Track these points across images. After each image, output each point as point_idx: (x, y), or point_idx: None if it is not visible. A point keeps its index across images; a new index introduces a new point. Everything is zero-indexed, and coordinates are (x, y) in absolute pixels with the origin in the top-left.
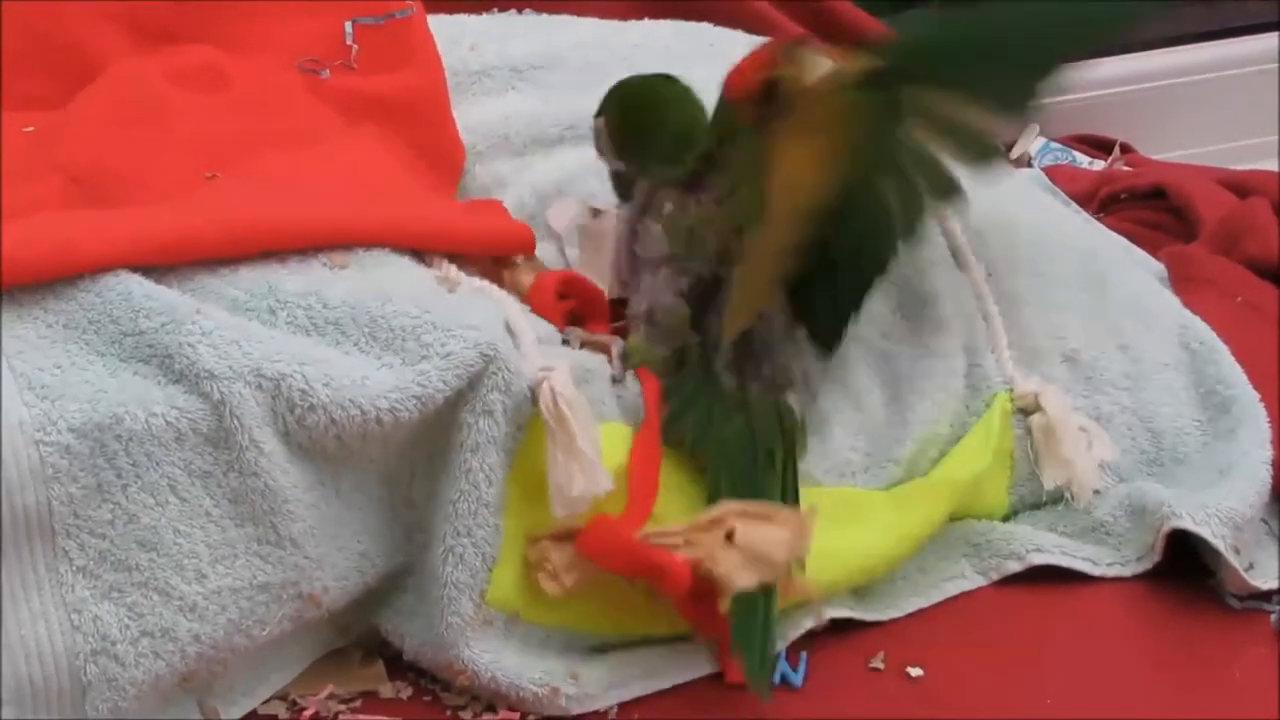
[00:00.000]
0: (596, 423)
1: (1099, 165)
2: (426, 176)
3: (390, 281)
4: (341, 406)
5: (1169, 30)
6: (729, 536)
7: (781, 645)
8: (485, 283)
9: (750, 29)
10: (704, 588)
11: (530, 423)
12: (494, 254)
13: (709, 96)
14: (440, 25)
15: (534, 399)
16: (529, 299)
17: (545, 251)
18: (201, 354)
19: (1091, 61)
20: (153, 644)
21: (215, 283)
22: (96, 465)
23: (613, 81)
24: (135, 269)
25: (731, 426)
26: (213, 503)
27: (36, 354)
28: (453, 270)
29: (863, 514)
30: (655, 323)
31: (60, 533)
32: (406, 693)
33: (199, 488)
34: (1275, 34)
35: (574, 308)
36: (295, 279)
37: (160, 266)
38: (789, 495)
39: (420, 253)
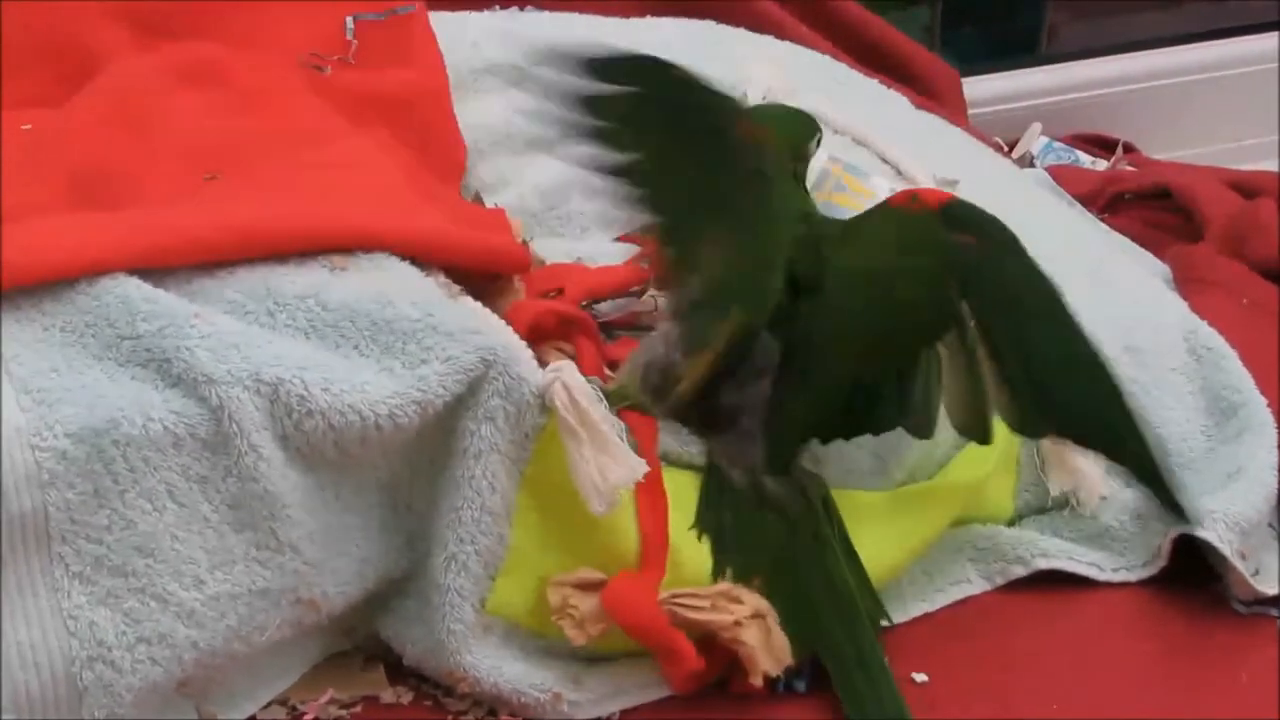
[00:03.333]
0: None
1: (1102, 165)
2: (428, 175)
3: (391, 284)
4: (340, 412)
5: (1171, 30)
6: (761, 617)
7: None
8: (475, 303)
9: (755, 28)
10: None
11: (541, 433)
12: (487, 271)
13: None
14: (442, 22)
15: (544, 403)
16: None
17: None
18: (200, 358)
19: (1094, 60)
20: (150, 650)
21: (213, 285)
22: (93, 470)
23: None
24: (133, 272)
25: (769, 530)
26: (211, 508)
27: (33, 358)
28: (445, 280)
29: (868, 518)
30: (649, 377)
31: (56, 538)
32: (407, 698)
33: (197, 493)
34: (1277, 33)
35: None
36: (294, 281)
37: (159, 269)
38: (845, 557)
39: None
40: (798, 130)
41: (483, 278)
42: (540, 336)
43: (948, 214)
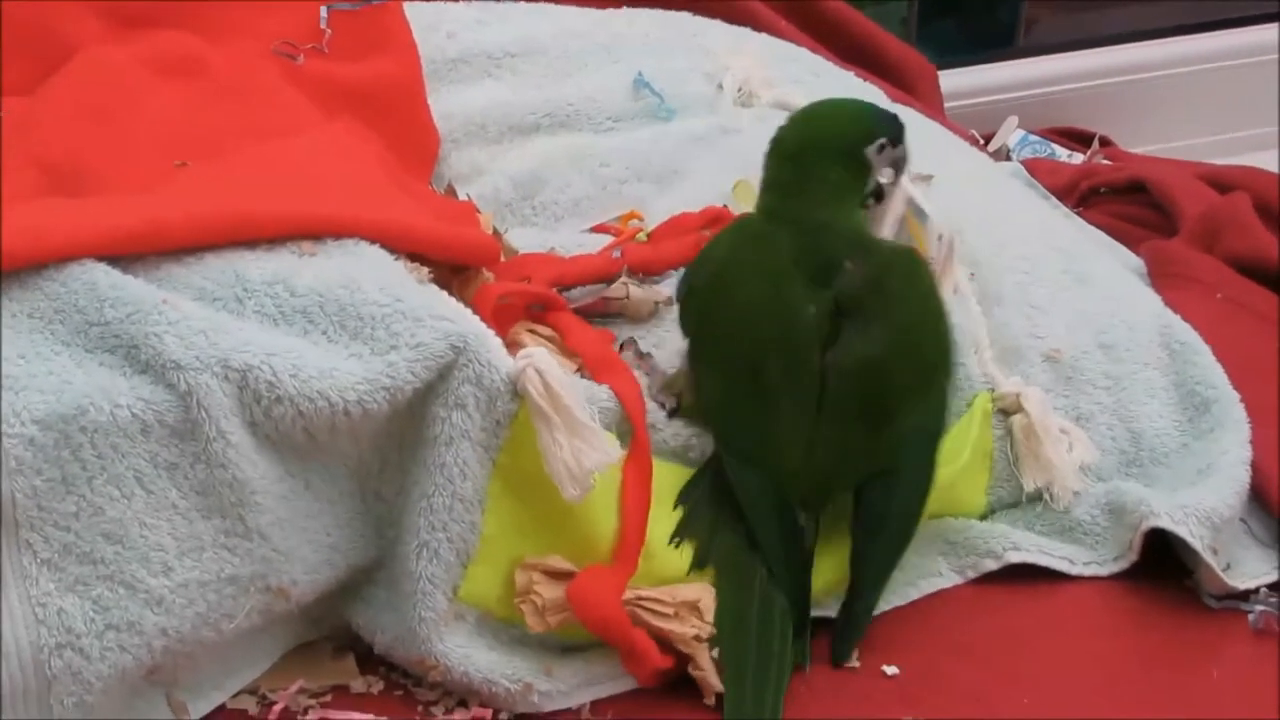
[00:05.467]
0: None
1: (1078, 158)
2: (399, 165)
3: (359, 268)
4: (309, 398)
5: (1148, 24)
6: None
7: None
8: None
9: (731, 20)
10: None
11: (513, 419)
12: (456, 261)
13: (688, 85)
14: (417, 12)
15: (516, 390)
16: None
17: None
18: (168, 344)
19: (1070, 54)
20: (119, 637)
21: (182, 272)
22: (61, 457)
23: (589, 70)
24: (102, 258)
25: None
26: (179, 495)
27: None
28: (414, 265)
29: (843, 513)
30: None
31: (24, 525)
32: (378, 687)
33: (165, 480)
34: (1252, 29)
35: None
36: (263, 267)
37: (127, 256)
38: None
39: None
40: (846, 130)
41: (450, 269)
42: (506, 319)
43: None
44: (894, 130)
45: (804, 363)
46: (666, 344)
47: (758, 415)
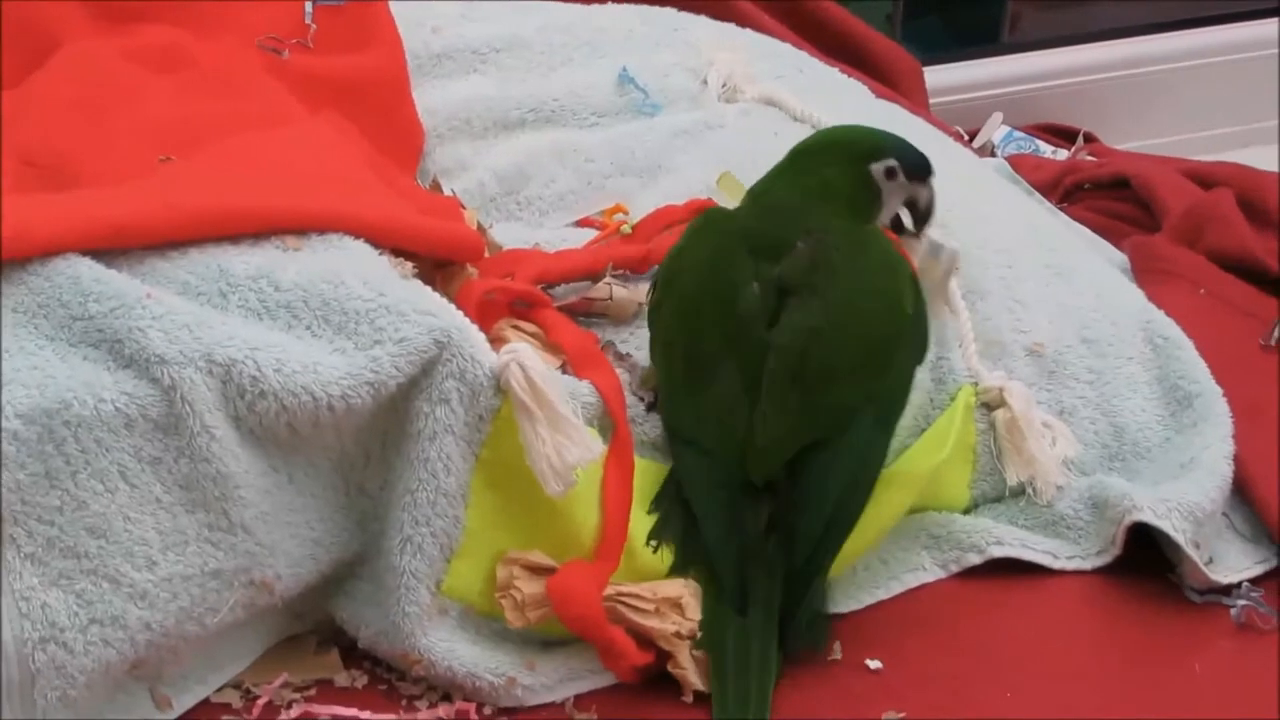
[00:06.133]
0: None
1: (1062, 154)
2: (384, 160)
3: (343, 263)
4: (293, 393)
5: (1132, 20)
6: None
7: None
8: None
9: (716, 15)
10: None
11: (496, 414)
12: (441, 257)
13: (672, 80)
14: (403, 7)
15: (499, 385)
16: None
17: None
18: (152, 339)
19: (1055, 50)
20: (102, 632)
21: (165, 266)
22: (45, 452)
23: (574, 65)
24: (86, 252)
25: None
26: (163, 489)
27: None
28: (398, 259)
29: None
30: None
31: (8, 519)
32: (362, 681)
33: (149, 474)
34: (1236, 25)
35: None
36: (247, 261)
37: (111, 250)
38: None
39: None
40: (854, 138)
41: (435, 264)
42: (490, 315)
43: None
44: (911, 161)
45: (744, 339)
46: (647, 344)
47: (696, 395)
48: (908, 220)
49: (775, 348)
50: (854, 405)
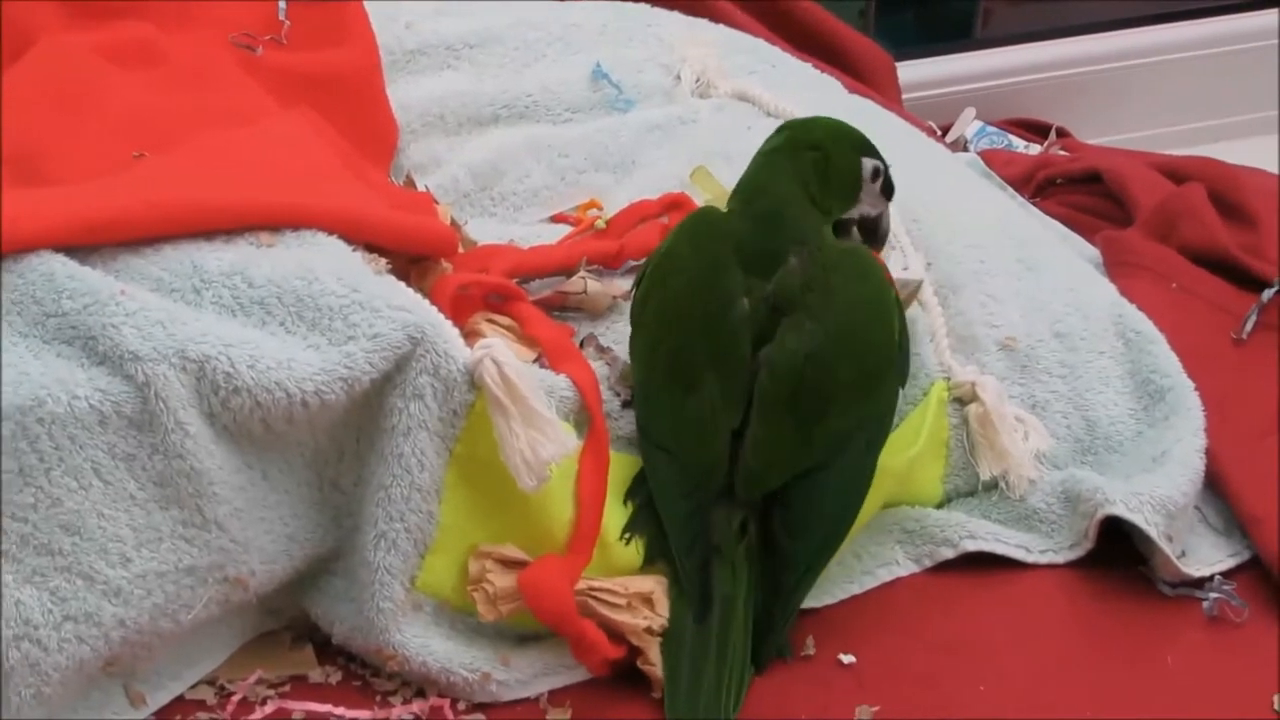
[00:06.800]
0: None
1: (1035, 149)
2: (357, 156)
3: (316, 259)
4: (266, 389)
5: (1104, 15)
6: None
7: None
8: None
9: (689, 11)
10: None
11: (470, 409)
12: (414, 252)
13: (645, 75)
14: (377, 3)
15: (473, 380)
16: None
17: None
18: (125, 335)
19: (1027, 45)
20: (76, 629)
21: (139, 263)
22: (18, 449)
23: (547, 61)
24: (59, 249)
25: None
26: (137, 486)
27: None
28: (371, 255)
29: None
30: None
31: None
32: (336, 677)
33: (123, 471)
34: (1209, 20)
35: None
36: (220, 258)
37: (85, 246)
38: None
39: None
40: (857, 134)
41: (408, 260)
42: (465, 309)
43: None
44: (889, 174)
45: (730, 353)
46: (625, 339)
47: (675, 402)
48: (874, 209)
49: (771, 370)
50: (848, 431)
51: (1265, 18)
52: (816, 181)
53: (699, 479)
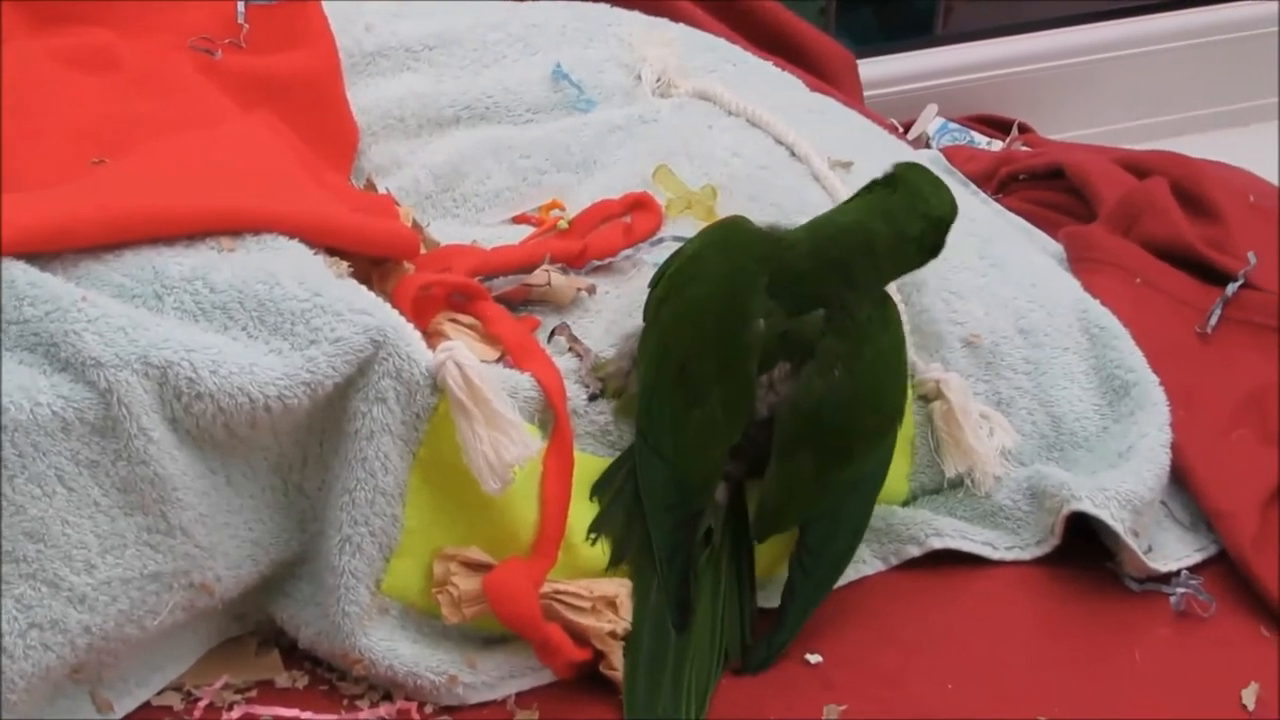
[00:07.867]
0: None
1: (997, 145)
2: (319, 159)
3: (278, 263)
4: (229, 394)
5: (1066, 10)
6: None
7: None
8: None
9: (649, 10)
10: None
11: (432, 413)
12: (376, 254)
13: (606, 75)
14: (335, 5)
15: (436, 383)
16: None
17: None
18: (87, 342)
19: (989, 41)
20: (41, 636)
21: (100, 269)
22: None
23: (507, 62)
24: (19, 256)
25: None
26: (101, 492)
27: None
28: (333, 259)
29: None
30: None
31: None
32: (303, 682)
33: (87, 477)
34: (1168, 14)
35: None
36: (181, 263)
37: (45, 253)
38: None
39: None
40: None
41: (370, 262)
42: (428, 309)
43: None
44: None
45: (736, 372)
46: (590, 333)
47: (679, 412)
48: None
49: (793, 412)
50: (864, 475)
51: (1224, 11)
52: (905, 250)
53: (691, 492)
